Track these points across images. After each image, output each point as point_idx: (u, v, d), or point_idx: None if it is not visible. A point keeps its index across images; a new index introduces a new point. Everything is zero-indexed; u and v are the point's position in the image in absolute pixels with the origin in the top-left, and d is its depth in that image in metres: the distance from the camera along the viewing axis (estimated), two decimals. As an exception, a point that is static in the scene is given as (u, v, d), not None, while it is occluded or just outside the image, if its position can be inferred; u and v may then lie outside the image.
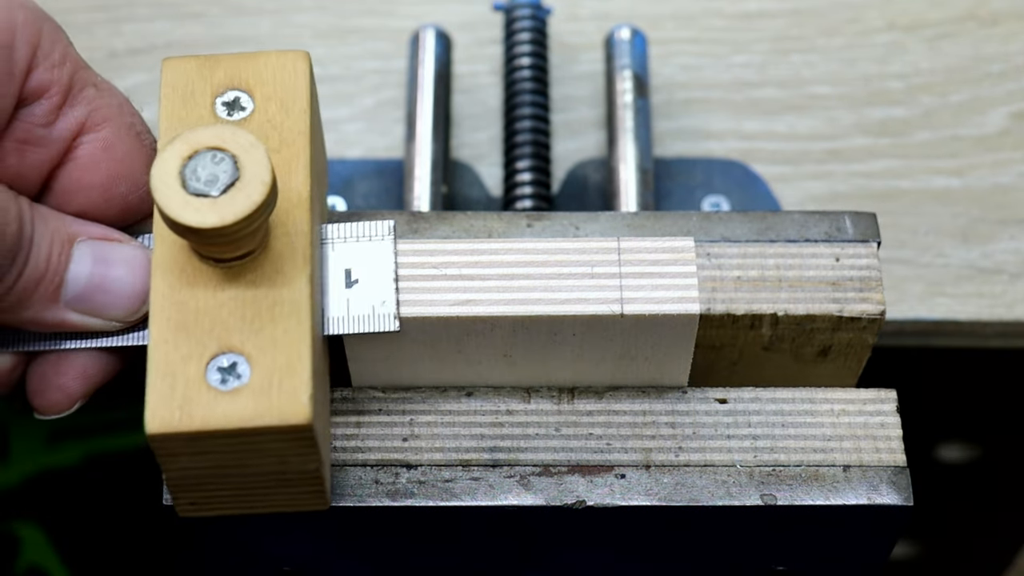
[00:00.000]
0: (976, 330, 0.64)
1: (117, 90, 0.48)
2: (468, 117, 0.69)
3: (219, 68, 0.48)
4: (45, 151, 0.46)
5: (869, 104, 0.69)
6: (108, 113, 0.47)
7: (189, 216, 0.42)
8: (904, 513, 0.48)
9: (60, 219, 0.46)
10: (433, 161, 0.63)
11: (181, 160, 0.42)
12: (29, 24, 0.45)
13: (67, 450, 0.85)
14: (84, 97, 0.46)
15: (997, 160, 0.67)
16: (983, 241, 0.65)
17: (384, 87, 0.69)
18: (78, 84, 0.46)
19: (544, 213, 0.51)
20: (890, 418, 0.49)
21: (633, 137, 0.64)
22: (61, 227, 0.45)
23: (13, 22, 0.44)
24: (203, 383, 0.43)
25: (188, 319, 0.44)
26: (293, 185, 0.46)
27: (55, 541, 0.86)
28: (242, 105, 0.47)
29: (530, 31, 0.66)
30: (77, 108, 0.46)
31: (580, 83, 0.70)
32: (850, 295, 0.49)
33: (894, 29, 0.71)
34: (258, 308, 0.44)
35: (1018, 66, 0.70)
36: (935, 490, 0.79)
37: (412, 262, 0.48)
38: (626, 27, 0.67)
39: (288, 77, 0.47)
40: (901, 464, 0.48)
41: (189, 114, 0.47)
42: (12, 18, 0.44)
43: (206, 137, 0.43)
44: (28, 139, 0.46)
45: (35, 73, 0.45)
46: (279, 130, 0.47)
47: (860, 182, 0.67)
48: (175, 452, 0.43)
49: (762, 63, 0.70)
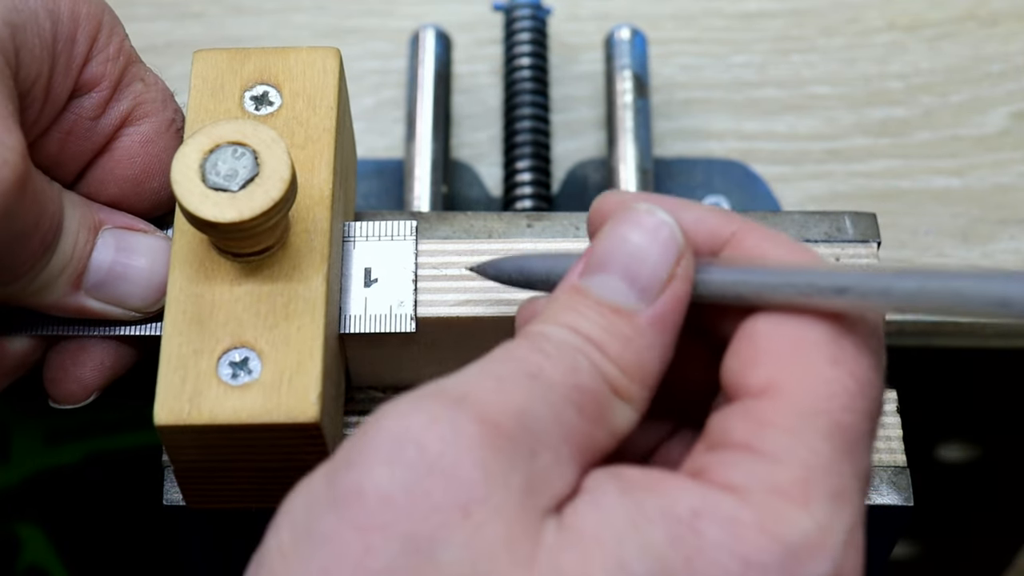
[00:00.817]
0: (976, 330, 0.64)
1: (163, 83, 0.48)
2: (468, 117, 0.69)
3: (249, 62, 0.48)
4: (88, 143, 0.46)
5: (869, 104, 0.69)
6: (151, 108, 0.47)
7: (207, 210, 0.42)
8: (904, 513, 0.48)
9: (88, 206, 0.46)
10: (433, 161, 0.63)
11: (202, 154, 0.43)
12: (91, 17, 0.45)
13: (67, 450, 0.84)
14: (132, 91, 0.46)
15: (997, 160, 0.67)
16: (983, 241, 0.65)
17: (384, 87, 0.69)
18: (127, 78, 0.46)
19: (544, 213, 0.51)
20: (890, 418, 0.49)
21: (633, 137, 0.64)
22: (88, 214, 0.45)
23: (77, 14, 0.44)
24: (214, 377, 0.43)
25: (203, 312, 0.44)
26: (316, 182, 0.46)
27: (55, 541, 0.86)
28: (270, 100, 0.47)
29: (530, 31, 0.66)
30: (123, 102, 0.46)
31: (580, 83, 0.70)
32: (850, 295, 0.49)
33: (894, 29, 0.71)
34: (273, 304, 0.44)
35: (1018, 66, 0.70)
36: (935, 490, 0.79)
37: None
38: (626, 27, 0.67)
39: (317, 73, 0.48)
40: (901, 464, 0.48)
41: (217, 107, 0.47)
42: (77, 10, 0.44)
43: (227, 131, 0.43)
44: (73, 130, 0.46)
45: (89, 66, 0.45)
46: (305, 126, 0.47)
47: (860, 182, 0.67)
48: (183, 444, 0.43)
49: (762, 63, 0.70)
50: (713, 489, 0.35)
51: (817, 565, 0.34)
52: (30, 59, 0.43)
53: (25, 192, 0.41)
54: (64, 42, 0.44)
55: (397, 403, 0.36)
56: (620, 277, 0.38)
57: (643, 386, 0.38)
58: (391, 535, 0.33)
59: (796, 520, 0.34)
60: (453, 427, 0.34)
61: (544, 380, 0.36)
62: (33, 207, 0.42)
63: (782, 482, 0.35)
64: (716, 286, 0.38)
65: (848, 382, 0.36)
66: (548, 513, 0.35)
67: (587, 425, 0.36)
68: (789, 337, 0.37)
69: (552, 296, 0.39)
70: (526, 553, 0.33)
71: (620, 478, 0.35)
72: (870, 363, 0.37)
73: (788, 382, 0.36)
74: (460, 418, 0.34)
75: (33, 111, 0.44)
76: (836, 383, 0.36)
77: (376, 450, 0.34)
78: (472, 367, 0.37)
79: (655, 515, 0.34)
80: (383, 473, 0.34)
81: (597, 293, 0.38)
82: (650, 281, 0.38)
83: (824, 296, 0.36)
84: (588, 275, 0.38)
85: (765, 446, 0.35)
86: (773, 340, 0.37)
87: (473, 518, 0.33)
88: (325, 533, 0.34)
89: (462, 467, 0.34)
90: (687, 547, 0.34)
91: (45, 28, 0.43)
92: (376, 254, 0.47)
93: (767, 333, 0.37)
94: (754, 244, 0.39)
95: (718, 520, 0.34)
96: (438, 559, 0.33)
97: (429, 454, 0.34)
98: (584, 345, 0.37)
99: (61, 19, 0.44)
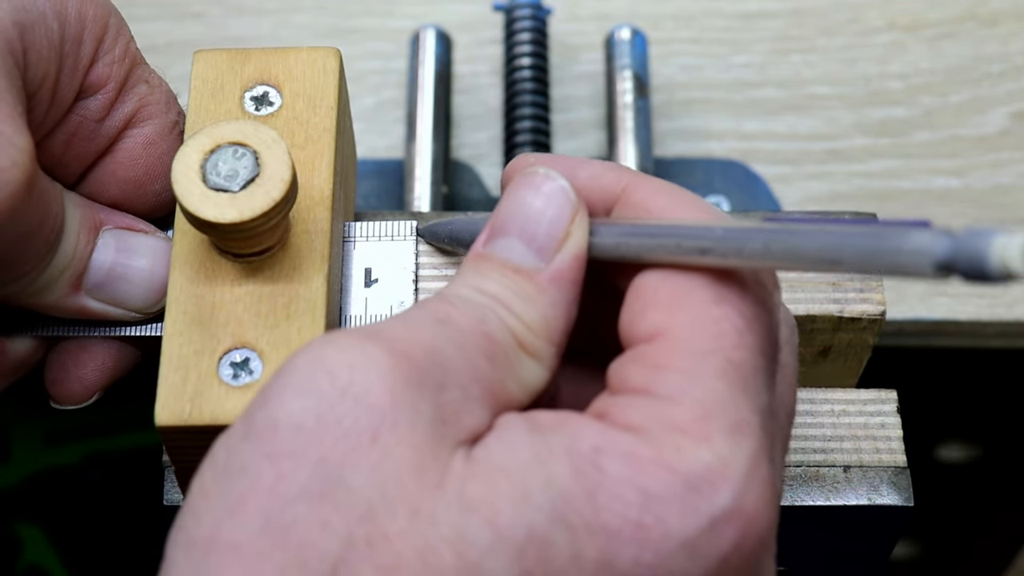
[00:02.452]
0: (976, 330, 0.64)
1: (167, 85, 0.48)
2: (468, 117, 0.69)
3: (249, 62, 0.48)
4: (92, 144, 0.46)
5: (869, 104, 0.69)
6: (155, 110, 0.47)
7: (208, 210, 0.42)
8: (904, 513, 0.48)
9: (89, 207, 0.46)
10: (433, 161, 0.63)
11: (202, 154, 0.43)
12: (98, 19, 0.45)
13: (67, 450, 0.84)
14: (136, 93, 0.46)
15: (997, 160, 0.67)
16: (983, 241, 0.65)
17: (384, 87, 0.69)
18: (132, 80, 0.46)
19: (544, 213, 0.51)
20: (890, 418, 0.49)
21: (633, 137, 0.64)
22: (89, 215, 0.45)
23: (84, 16, 0.44)
24: (215, 377, 0.43)
25: (204, 313, 0.44)
26: (316, 182, 0.46)
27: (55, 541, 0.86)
28: (270, 100, 0.47)
29: (530, 31, 0.66)
30: (127, 104, 0.46)
31: (580, 83, 0.70)
32: (850, 295, 0.49)
33: (894, 29, 0.71)
34: (274, 304, 0.44)
35: (1018, 66, 0.70)
36: (935, 490, 0.79)
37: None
38: (626, 27, 0.67)
39: (317, 74, 0.48)
40: (901, 464, 0.48)
41: (217, 107, 0.47)
42: (84, 12, 0.44)
43: (228, 132, 0.43)
44: (78, 131, 0.46)
45: (95, 67, 0.45)
46: (305, 127, 0.47)
47: (860, 182, 0.67)
48: (184, 444, 0.43)
49: (762, 63, 0.70)
50: (614, 428, 0.36)
51: (719, 496, 0.35)
52: (38, 60, 0.43)
53: (32, 193, 0.41)
54: (71, 43, 0.44)
55: (311, 340, 0.37)
56: (519, 239, 0.39)
57: (549, 342, 0.39)
58: (302, 462, 0.34)
59: (694, 453, 0.35)
60: (364, 355, 0.35)
61: (453, 325, 0.37)
62: (38, 208, 0.42)
63: (680, 420, 0.36)
64: (602, 246, 0.40)
65: (735, 319, 0.37)
66: (458, 445, 0.36)
67: (496, 372, 0.37)
68: (674, 285, 0.38)
69: (460, 265, 0.41)
70: (433, 480, 0.34)
71: (529, 419, 0.36)
72: (755, 298, 0.38)
73: (676, 326, 0.37)
74: (371, 348, 0.36)
75: (39, 112, 0.44)
76: (723, 321, 0.37)
77: (288, 382, 0.35)
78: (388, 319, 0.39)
79: (559, 451, 0.35)
80: (295, 403, 0.35)
81: (499, 255, 0.39)
82: (546, 240, 0.39)
83: (690, 255, 0.37)
84: (491, 241, 0.40)
85: (661, 388, 0.36)
86: (659, 290, 0.38)
87: (381, 442, 0.35)
88: (241, 465, 0.35)
89: (372, 394, 0.35)
90: (589, 481, 0.35)
91: (53, 29, 0.43)
92: (376, 254, 0.47)
93: (653, 284, 0.38)
94: (642, 198, 0.40)
95: (618, 456, 0.35)
96: (347, 483, 0.34)
97: (340, 381, 0.35)
98: (490, 302, 0.38)
99: (68, 20, 0.44)
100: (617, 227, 0.40)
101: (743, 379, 0.37)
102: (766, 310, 0.38)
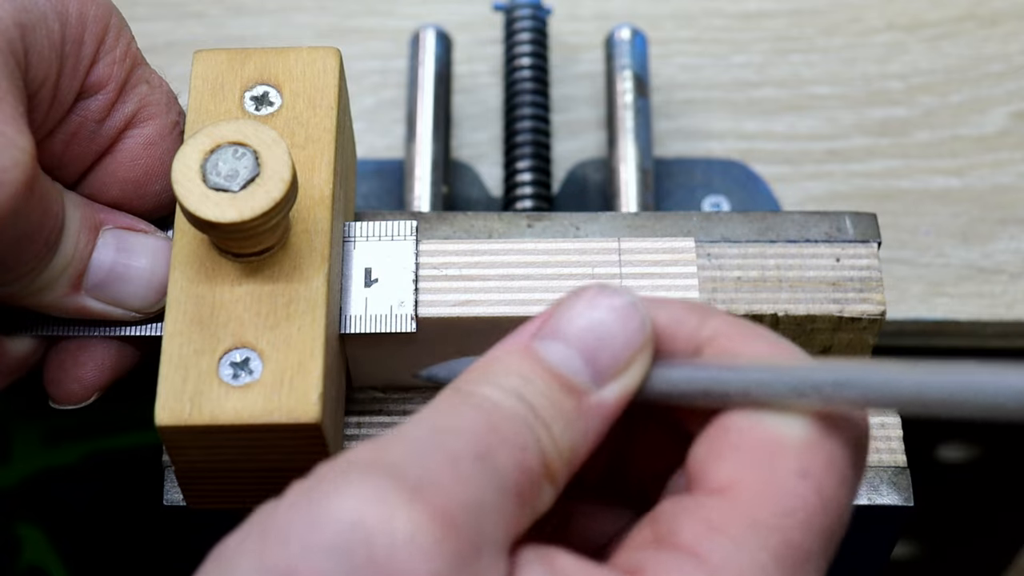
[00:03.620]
0: (976, 330, 0.64)
1: (167, 86, 0.48)
2: (468, 117, 0.69)
3: (249, 62, 0.48)
4: (92, 144, 0.46)
5: (869, 104, 0.69)
6: (155, 110, 0.47)
7: (208, 210, 0.42)
8: (904, 513, 0.48)
9: (88, 206, 0.46)
10: (433, 161, 0.63)
11: (203, 154, 0.43)
12: (99, 19, 0.45)
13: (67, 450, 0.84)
14: (137, 94, 0.46)
15: (997, 160, 0.67)
16: (983, 241, 0.65)
17: (384, 87, 0.69)
18: (133, 80, 0.46)
19: (544, 213, 0.51)
20: (890, 418, 0.49)
21: (633, 137, 0.64)
22: (89, 215, 0.45)
23: (85, 16, 0.44)
24: (215, 377, 0.43)
25: (204, 313, 0.44)
26: (316, 182, 0.46)
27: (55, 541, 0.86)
28: (270, 100, 0.47)
29: (530, 31, 0.66)
30: (128, 104, 0.46)
31: (580, 83, 0.70)
32: (850, 295, 0.49)
33: (894, 29, 0.71)
34: (274, 304, 0.44)
35: (1018, 66, 0.70)
36: (935, 490, 0.78)
37: (412, 262, 0.48)
38: (626, 27, 0.67)
39: (317, 73, 0.48)
40: (901, 464, 0.48)
41: (217, 107, 0.47)
42: (85, 12, 0.44)
43: (228, 132, 0.43)
44: (79, 132, 0.46)
45: (96, 68, 0.45)
46: (305, 126, 0.47)
47: (860, 182, 0.67)
48: (184, 444, 0.43)
49: (762, 63, 0.70)
50: None
51: None
52: (39, 60, 0.43)
53: (32, 193, 0.41)
54: (72, 44, 0.44)
55: (348, 475, 0.32)
56: (578, 351, 0.36)
57: (569, 470, 0.35)
58: None
59: None
60: (410, 523, 0.32)
61: (492, 462, 0.33)
62: (38, 208, 0.42)
63: None
64: (678, 390, 0.36)
65: (812, 499, 0.34)
66: None
67: (521, 510, 0.34)
68: (762, 437, 0.34)
69: (496, 352, 0.36)
70: None
71: (551, 565, 0.33)
72: (841, 478, 0.35)
73: (748, 486, 0.34)
74: (418, 514, 0.32)
75: (40, 112, 0.44)
76: (798, 498, 0.34)
77: (320, 536, 0.32)
78: (421, 430, 0.34)
79: None
80: (322, 563, 0.31)
81: (551, 360, 0.35)
82: (608, 365, 0.36)
83: (785, 397, 0.34)
84: (545, 340, 0.36)
85: (711, 555, 0.33)
86: (745, 436, 0.35)
87: None
88: None
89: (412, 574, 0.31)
90: None
91: (54, 29, 0.43)
92: (376, 254, 0.47)
93: (740, 428, 0.35)
94: (735, 347, 0.36)
95: None
96: None
97: (378, 555, 0.31)
98: (532, 419, 0.34)
99: (69, 21, 0.44)
100: (702, 370, 0.36)
101: (797, 563, 0.34)
102: (847, 491, 0.35)
